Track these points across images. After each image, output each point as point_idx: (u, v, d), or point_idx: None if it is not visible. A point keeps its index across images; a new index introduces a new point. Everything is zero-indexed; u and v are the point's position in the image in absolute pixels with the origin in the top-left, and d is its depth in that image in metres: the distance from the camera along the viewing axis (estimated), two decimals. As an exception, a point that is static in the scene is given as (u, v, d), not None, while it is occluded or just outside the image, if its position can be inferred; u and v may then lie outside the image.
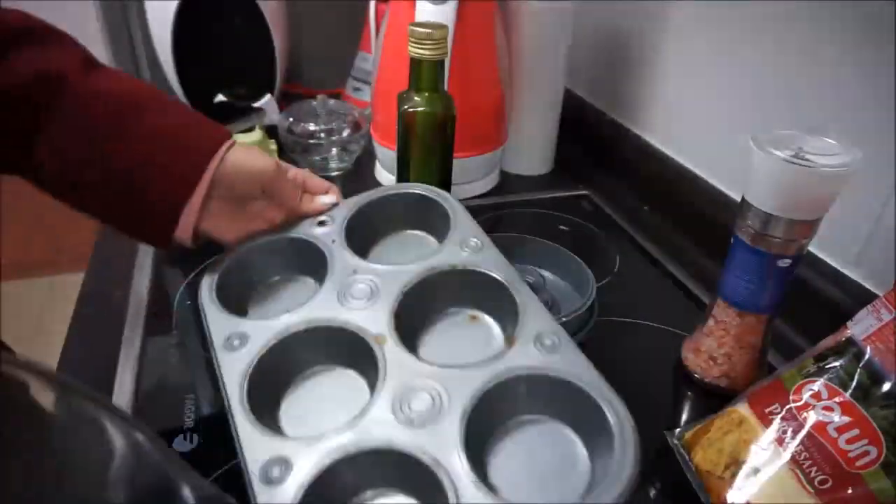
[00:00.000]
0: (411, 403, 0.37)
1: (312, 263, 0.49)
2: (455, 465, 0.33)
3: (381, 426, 0.36)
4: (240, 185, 0.48)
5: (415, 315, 0.44)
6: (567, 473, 0.36)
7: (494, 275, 0.44)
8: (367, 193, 0.54)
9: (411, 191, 0.53)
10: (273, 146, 0.79)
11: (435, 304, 0.46)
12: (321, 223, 0.51)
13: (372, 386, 0.39)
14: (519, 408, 0.38)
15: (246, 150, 0.48)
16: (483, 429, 0.37)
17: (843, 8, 0.54)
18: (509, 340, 0.41)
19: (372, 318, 0.42)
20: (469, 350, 0.42)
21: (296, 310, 0.44)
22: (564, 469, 0.36)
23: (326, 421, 0.37)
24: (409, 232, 0.54)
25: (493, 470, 0.37)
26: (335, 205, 0.53)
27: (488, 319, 0.46)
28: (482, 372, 0.38)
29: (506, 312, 0.44)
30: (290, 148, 0.83)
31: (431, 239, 0.53)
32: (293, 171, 0.53)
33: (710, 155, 0.73)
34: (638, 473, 0.32)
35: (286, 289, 0.51)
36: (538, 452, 0.37)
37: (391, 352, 0.40)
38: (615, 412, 0.35)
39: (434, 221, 0.52)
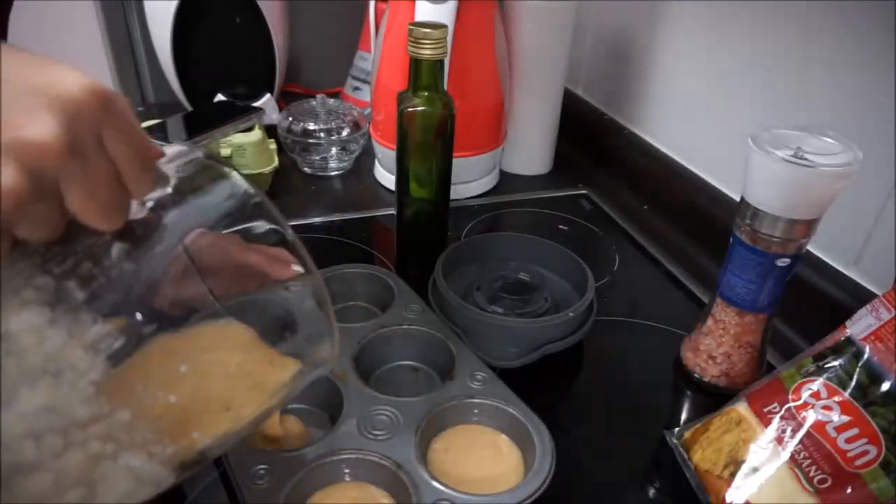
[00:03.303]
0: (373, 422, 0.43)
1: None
2: (413, 466, 0.40)
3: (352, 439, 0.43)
4: None
5: (369, 363, 0.51)
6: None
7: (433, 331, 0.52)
8: (324, 270, 0.58)
9: (360, 270, 0.59)
10: (272, 146, 0.79)
11: (385, 356, 0.53)
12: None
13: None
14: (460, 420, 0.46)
15: None
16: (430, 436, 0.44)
17: (843, 8, 0.54)
18: (450, 375, 0.48)
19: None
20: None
21: None
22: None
23: None
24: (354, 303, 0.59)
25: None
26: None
27: (427, 369, 0.52)
28: (429, 397, 0.46)
29: (443, 361, 0.51)
30: (289, 148, 0.82)
31: (375, 309, 0.58)
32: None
33: (710, 154, 0.73)
34: (553, 468, 0.40)
35: None
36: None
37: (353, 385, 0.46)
38: (535, 427, 0.43)
39: (379, 293, 0.58)
